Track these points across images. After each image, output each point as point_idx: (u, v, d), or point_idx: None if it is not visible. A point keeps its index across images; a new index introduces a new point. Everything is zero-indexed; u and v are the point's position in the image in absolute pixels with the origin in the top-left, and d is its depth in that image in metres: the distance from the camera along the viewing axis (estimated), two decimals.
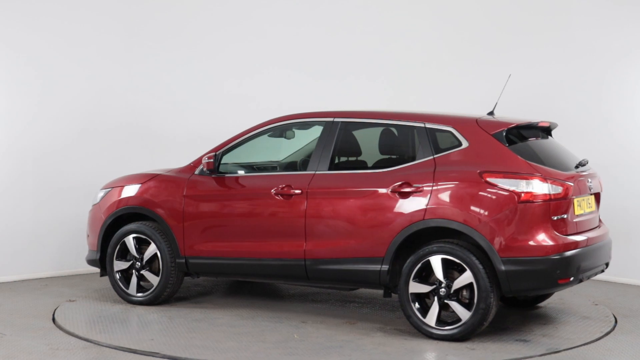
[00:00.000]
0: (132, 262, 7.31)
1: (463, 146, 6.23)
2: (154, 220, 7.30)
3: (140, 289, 7.29)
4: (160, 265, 7.20)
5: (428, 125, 6.42)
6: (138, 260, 7.28)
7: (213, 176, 7.08)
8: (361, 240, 6.36)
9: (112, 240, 7.37)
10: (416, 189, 6.18)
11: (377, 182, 6.36)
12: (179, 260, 7.13)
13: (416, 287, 6.16)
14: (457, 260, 6.01)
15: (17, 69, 8.51)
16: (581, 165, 6.55)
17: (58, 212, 8.76)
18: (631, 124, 8.64)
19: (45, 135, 8.67)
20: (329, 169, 6.64)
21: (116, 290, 7.40)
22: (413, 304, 6.17)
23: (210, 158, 7.01)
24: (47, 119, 8.69)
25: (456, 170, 6.13)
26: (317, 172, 6.65)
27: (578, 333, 6.41)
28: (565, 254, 5.93)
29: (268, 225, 6.78)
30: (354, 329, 6.49)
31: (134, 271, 7.30)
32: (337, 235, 6.46)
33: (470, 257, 5.96)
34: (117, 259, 7.35)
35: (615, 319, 6.91)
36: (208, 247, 7.03)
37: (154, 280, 7.23)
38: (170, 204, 7.18)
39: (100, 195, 7.63)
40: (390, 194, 6.27)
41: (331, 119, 6.82)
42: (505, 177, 5.97)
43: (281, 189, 6.71)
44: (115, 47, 9.15)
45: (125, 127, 9.20)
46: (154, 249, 7.20)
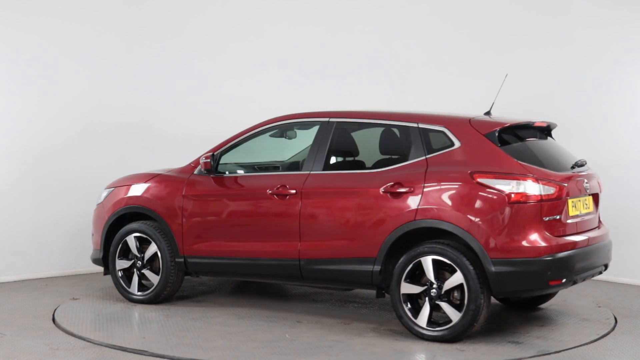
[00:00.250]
0: (133, 261, 7.36)
1: (455, 146, 6.20)
2: (155, 220, 7.33)
3: (141, 288, 7.33)
4: (160, 264, 7.23)
5: (421, 126, 6.39)
6: (139, 259, 7.33)
7: (211, 176, 7.10)
8: (354, 240, 6.35)
9: (114, 239, 7.43)
10: (408, 189, 6.15)
11: (370, 182, 6.35)
12: (178, 259, 7.16)
13: (408, 288, 6.13)
14: (448, 261, 5.97)
15: (17, 69, 8.52)
16: (578, 165, 6.48)
17: (58, 212, 8.76)
18: (631, 124, 8.64)
19: (45, 135, 8.68)
20: (323, 169, 6.63)
21: (118, 288, 7.44)
22: (405, 304, 6.14)
23: (207, 158, 7.04)
24: (47, 119, 8.69)
25: (447, 170, 6.10)
26: (311, 172, 6.65)
27: (573, 335, 6.34)
28: (557, 255, 5.88)
29: (264, 225, 6.79)
30: (347, 329, 6.48)
31: (135, 270, 7.34)
32: (331, 236, 6.45)
33: (461, 258, 5.92)
34: (119, 258, 7.40)
35: (616, 320, 6.89)
36: (206, 246, 7.04)
37: (155, 279, 7.27)
38: (169, 203, 7.20)
39: (104, 195, 7.68)
40: (383, 194, 6.25)
41: (327, 119, 6.82)
42: (495, 178, 5.92)
43: (277, 189, 6.71)
44: (115, 47, 9.15)
45: (125, 127, 9.20)
46: (154, 248, 7.25)
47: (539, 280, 5.86)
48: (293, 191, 6.62)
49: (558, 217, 6.01)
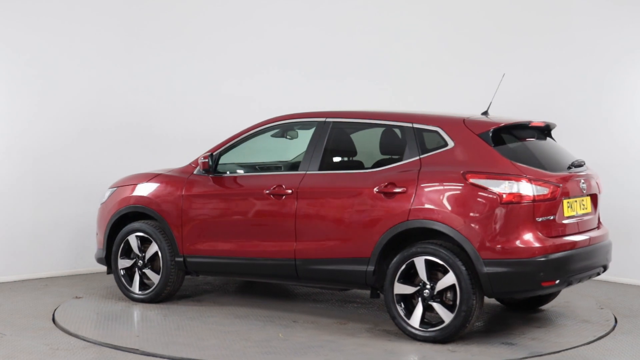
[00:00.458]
0: (135, 260, 7.40)
1: (449, 146, 6.16)
2: (156, 220, 7.36)
3: (143, 287, 7.37)
4: (160, 263, 7.27)
5: (416, 126, 6.36)
6: (140, 258, 7.37)
7: (210, 176, 7.12)
8: (348, 240, 6.35)
9: (116, 238, 7.48)
10: (401, 189, 6.13)
11: (364, 182, 6.33)
12: (177, 258, 7.19)
13: (401, 289, 6.11)
14: (440, 262, 5.94)
15: (17, 69, 8.52)
16: (574, 166, 6.42)
17: (58, 212, 8.76)
18: (631, 124, 8.64)
19: (45, 135, 8.68)
20: (319, 169, 6.63)
21: (120, 287, 7.50)
22: (398, 305, 6.12)
23: (205, 158, 7.06)
24: (47, 119, 8.69)
25: (440, 170, 6.07)
26: (307, 172, 6.65)
27: (569, 337, 6.29)
28: (550, 256, 5.83)
29: (261, 225, 6.80)
30: (342, 329, 6.47)
31: (136, 269, 7.38)
32: (326, 236, 6.45)
33: (453, 258, 5.88)
34: (121, 257, 7.45)
35: (616, 320, 6.88)
36: (205, 246, 7.06)
37: (155, 278, 7.31)
38: (169, 203, 7.23)
39: (107, 194, 7.73)
40: (377, 194, 6.23)
41: (323, 119, 6.82)
42: (488, 178, 5.88)
43: (273, 189, 6.72)
44: (116, 47, 9.15)
45: (125, 127, 9.20)
46: (155, 247, 7.28)
47: (531, 281, 5.82)
48: (289, 191, 6.63)
49: (552, 217, 5.97)
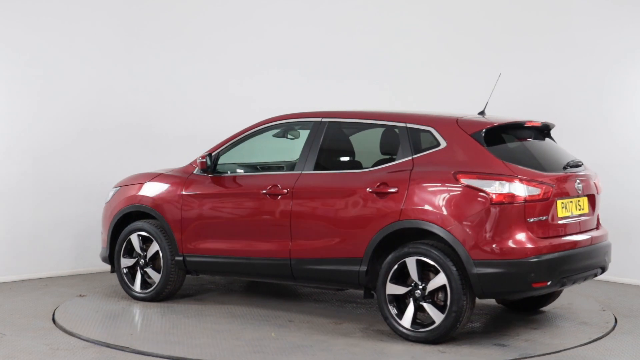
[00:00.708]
0: (137, 259, 7.44)
1: (441, 146, 6.14)
2: (157, 219, 7.39)
3: (145, 286, 7.42)
4: (161, 263, 7.30)
5: (409, 125, 6.35)
6: (142, 257, 7.41)
7: (209, 176, 7.14)
8: (342, 240, 6.35)
9: (119, 237, 7.52)
10: (393, 189, 6.11)
11: (358, 182, 6.33)
12: (177, 258, 7.22)
13: (393, 289, 6.10)
14: (431, 262, 5.92)
15: (18, 69, 8.51)
16: (570, 166, 6.36)
17: (58, 212, 8.76)
18: (631, 124, 8.64)
19: (45, 135, 8.67)
20: (314, 169, 6.63)
21: (122, 286, 7.56)
22: (391, 305, 6.10)
23: (203, 158, 7.09)
24: (47, 119, 8.69)
25: (431, 170, 6.05)
26: (303, 172, 6.66)
27: (563, 338, 6.25)
28: (542, 257, 5.78)
29: (257, 224, 6.81)
30: (336, 329, 6.47)
31: (138, 268, 7.44)
32: (320, 236, 6.45)
33: (444, 259, 5.86)
34: (124, 256, 7.50)
35: (616, 320, 6.87)
36: (203, 245, 7.09)
37: (156, 277, 7.35)
38: (169, 202, 7.26)
39: (111, 194, 7.79)
40: (370, 194, 6.23)
41: (319, 119, 6.82)
42: (478, 178, 5.84)
43: (269, 189, 6.73)
44: (116, 47, 9.15)
45: (126, 127, 9.20)
46: (156, 247, 7.32)
47: (521, 282, 5.77)
48: (285, 191, 6.64)
49: (544, 218, 5.92)
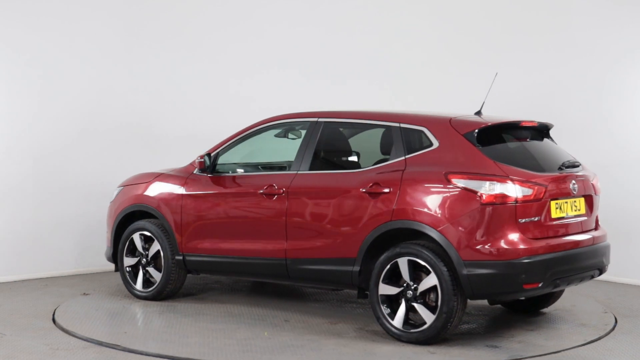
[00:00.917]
0: (139, 258, 7.48)
1: (434, 146, 6.11)
2: (158, 218, 7.42)
3: (147, 285, 7.45)
4: (162, 262, 7.33)
5: (403, 126, 6.33)
6: (144, 256, 7.45)
7: (208, 176, 7.16)
8: (336, 240, 6.35)
9: (122, 237, 7.57)
10: (386, 190, 6.11)
11: (352, 182, 6.33)
12: (177, 257, 7.25)
13: (385, 289, 6.08)
14: (423, 263, 5.90)
15: (18, 69, 8.52)
16: (566, 167, 6.29)
17: (58, 212, 8.76)
18: (631, 124, 8.64)
19: (45, 135, 8.68)
20: (310, 169, 6.64)
21: (125, 285, 7.61)
22: (383, 305, 6.09)
23: (201, 158, 7.12)
24: (47, 119, 8.69)
25: (423, 171, 6.03)
26: (298, 172, 6.67)
27: (556, 340, 6.19)
28: (533, 258, 5.73)
29: (254, 224, 6.83)
30: (330, 329, 6.46)
31: (140, 267, 7.47)
32: (315, 236, 6.46)
33: (435, 259, 5.83)
34: (127, 255, 7.54)
35: (616, 320, 6.86)
36: (202, 244, 7.11)
37: (157, 276, 7.39)
38: (169, 202, 7.29)
39: (115, 193, 7.83)
40: (363, 194, 6.22)
41: (315, 119, 6.83)
42: (469, 179, 5.81)
43: (266, 188, 6.74)
44: (116, 47, 9.15)
45: (125, 127, 9.21)
46: (157, 246, 7.36)
47: (512, 283, 5.72)
48: (281, 191, 6.65)
49: (536, 218, 5.87)
